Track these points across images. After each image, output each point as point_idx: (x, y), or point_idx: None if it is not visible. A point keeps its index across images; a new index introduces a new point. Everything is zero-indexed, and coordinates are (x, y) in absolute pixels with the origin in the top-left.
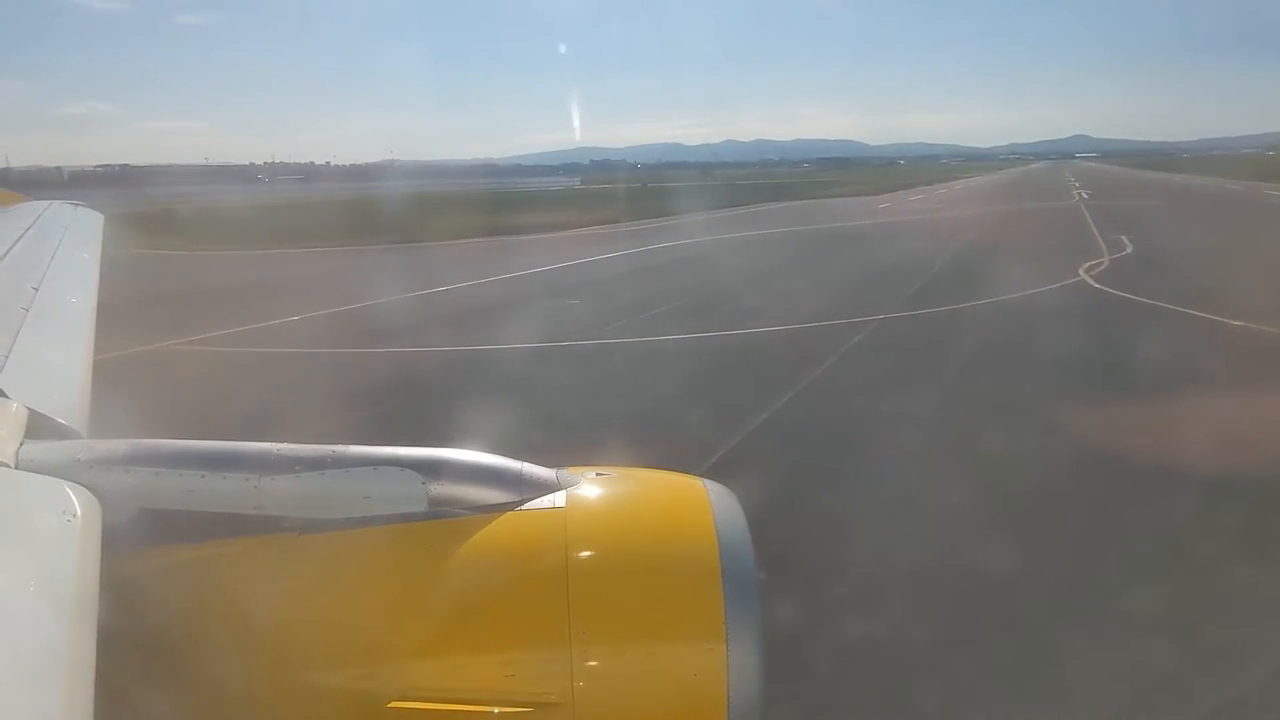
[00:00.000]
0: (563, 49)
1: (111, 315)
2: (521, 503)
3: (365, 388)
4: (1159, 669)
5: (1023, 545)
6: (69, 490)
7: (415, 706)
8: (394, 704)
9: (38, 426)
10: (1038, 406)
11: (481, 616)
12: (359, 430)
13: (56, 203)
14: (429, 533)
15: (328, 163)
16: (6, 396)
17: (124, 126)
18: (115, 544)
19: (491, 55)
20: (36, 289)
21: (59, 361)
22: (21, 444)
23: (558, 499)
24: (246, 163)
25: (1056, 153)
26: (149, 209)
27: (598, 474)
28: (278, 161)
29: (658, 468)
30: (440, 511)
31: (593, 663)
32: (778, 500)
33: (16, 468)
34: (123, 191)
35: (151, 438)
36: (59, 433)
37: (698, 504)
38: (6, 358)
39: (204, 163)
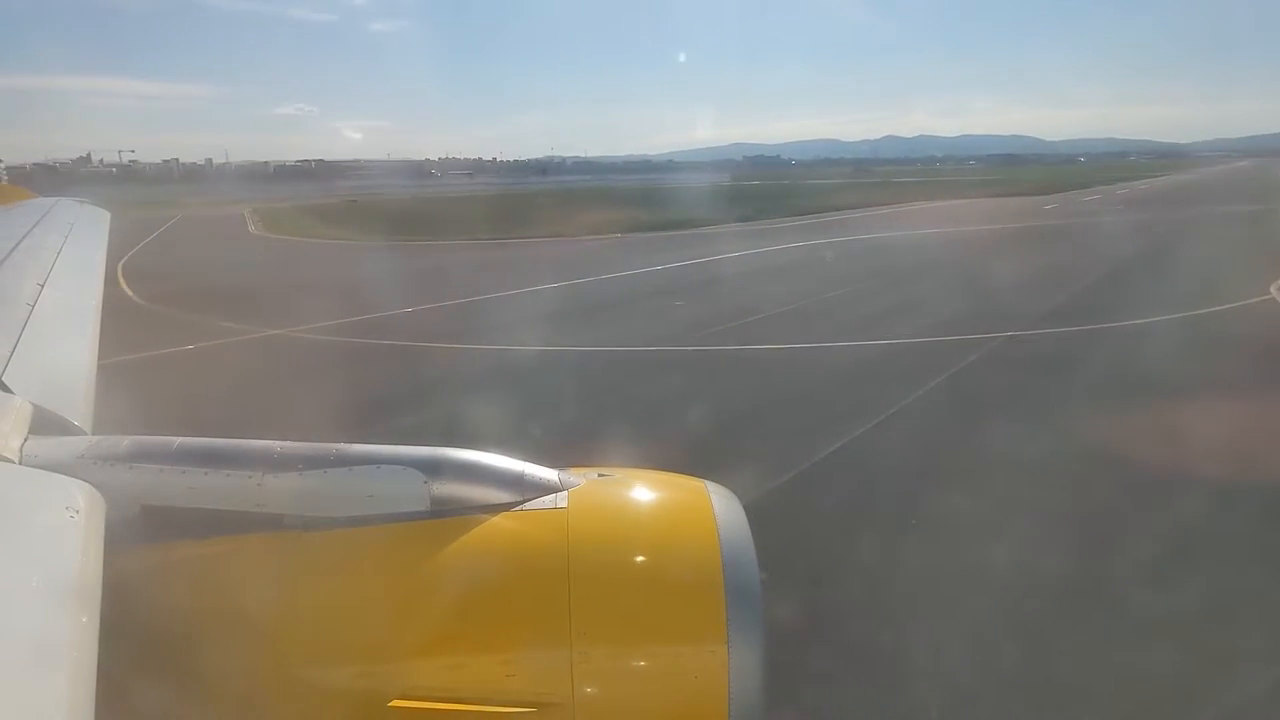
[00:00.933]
0: (717, 44)
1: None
2: (523, 503)
3: (443, 382)
4: None
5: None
6: (72, 486)
7: (416, 705)
8: (395, 703)
9: (42, 422)
10: (1177, 458)
11: (482, 616)
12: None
13: (63, 200)
14: (431, 532)
15: (494, 159)
16: (11, 392)
17: (322, 125)
18: (118, 540)
19: (648, 52)
20: (42, 285)
21: (64, 358)
22: (26, 440)
23: (560, 499)
24: (422, 158)
25: (1270, 150)
26: (331, 201)
27: (600, 475)
28: (449, 157)
29: (660, 469)
30: (442, 511)
31: (593, 663)
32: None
33: (20, 463)
34: (316, 184)
35: (155, 434)
36: (63, 429)
37: (700, 505)
38: (11, 354)
39: (385, 158)
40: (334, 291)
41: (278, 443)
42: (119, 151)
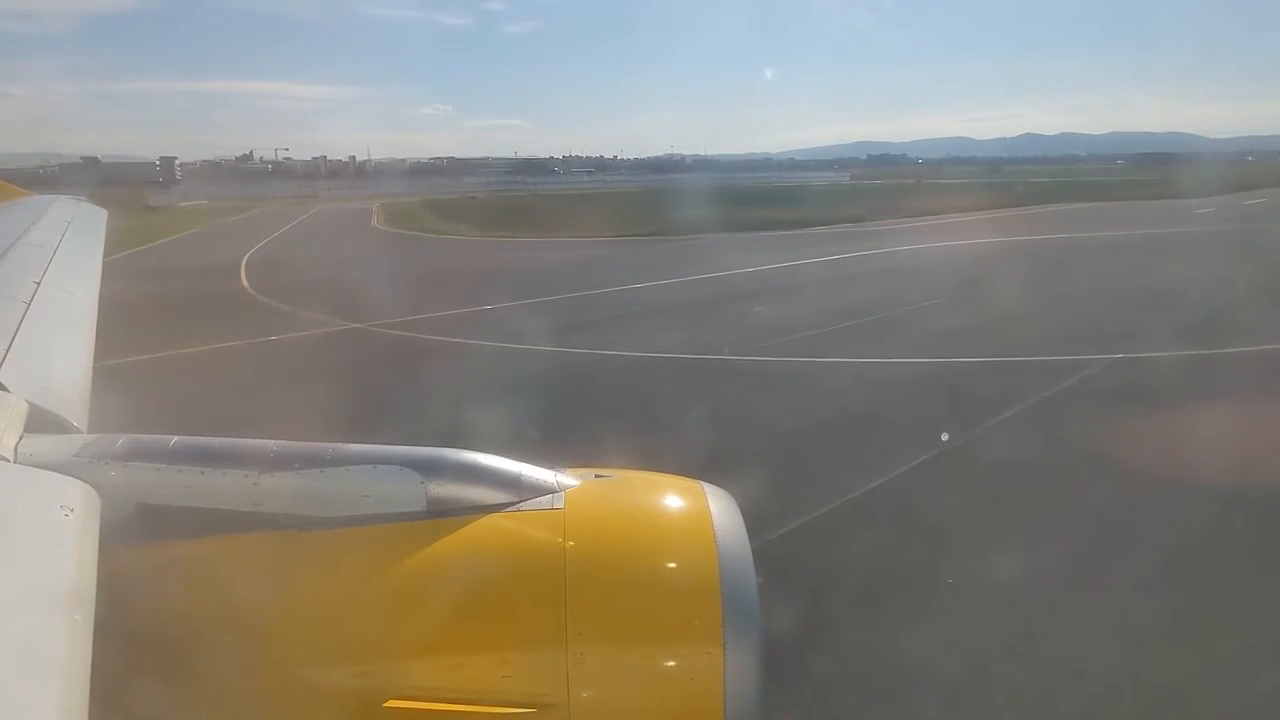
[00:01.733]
0: (842, 38)
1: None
2: (520, 503)
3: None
4: None
5: None
6: (67, 485)
7: (412, 706)
8: (390, 703)
9: (38, 421)
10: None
11: (478, 617)
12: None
13: (61, 198)
14: (427, 532)
15: (615, 157)
16: (7, 390)
17: (456, 124)
18: (113, 539)
19: (771, 48)
20: (38, 283)
21: (60, 356)
22: (21, 438)
23: (556, 500)
24: (547, 156)
25: None
26: (452, 197)
27: (597, 476)
28: (572, 155)
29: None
30: (438, 511)
31: (589, 664)
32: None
33: (16, 462)
34: (444, 180)
35: (152, 433)
36: (59, 427)
37: (697, 507)
38: (7, 352)
39: (512, 155)
40: (412, 287)
41: (274, 442)
42: (275, 149)
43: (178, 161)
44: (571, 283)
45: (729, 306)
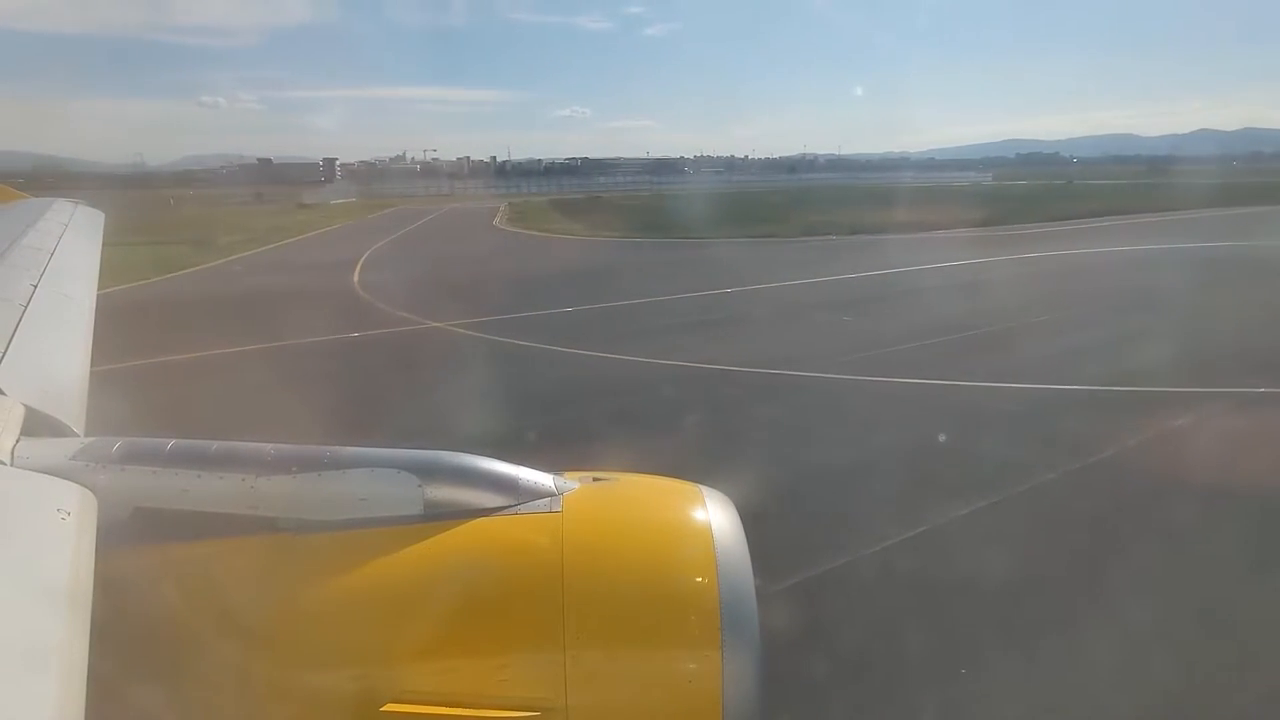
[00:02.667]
0: (987, 29)
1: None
2: (517, 507)
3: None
4: None
5: None
6: (64, 488)
7: (409, 709)
8: (388, 706)
9: (34, 424)
10: None
11: (476, 620)
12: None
13: (58, 201)
14: (424, 535)
15: (746, 156)
16: (3, 394)
17: (592, 126)
18: (110, 542)
19: (909, 42)
20: (35, 286)
21: (56, 359)
22: (18, 441)
23: (554, 503)
24: (678, 156)
25: None
26: (577, 196)
27: (595, 479)
28: (703, 155)
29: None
30: (436, 514)
31: (586, 667)
32: None
33: (12, 465)
34: (575, 180)
35: (149, 436)
36: (55, 430)
37: (695, 510)
38: (3, 355)
39: (644, 156)
40: (505, 287)
41: (271, 445)
42: (424, 150)
43: (338, 162)
44: (658, 285)
45: (817, 315)
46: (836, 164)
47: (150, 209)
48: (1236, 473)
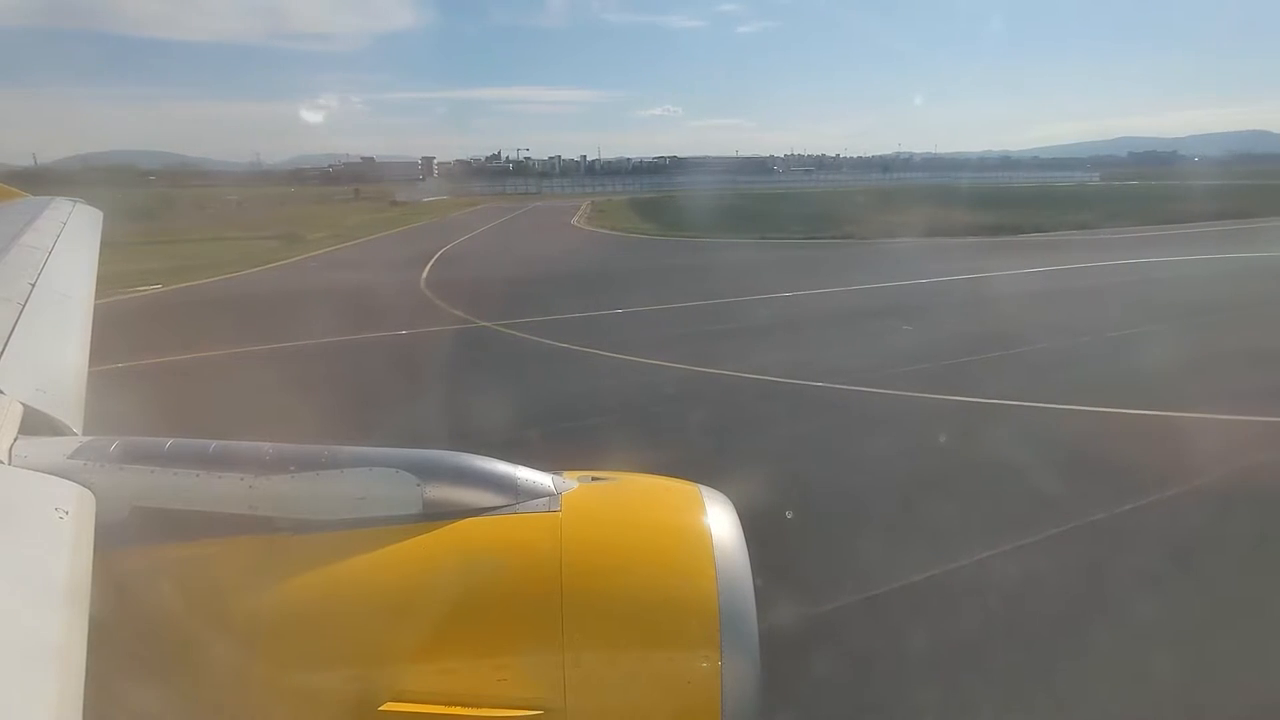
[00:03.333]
0: (1096, 19)
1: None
2: (516, 506)
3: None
4: None
5: None
6: (62, 487)
7: (407, 709)
8: (386, 706)
9: (32, 423)
10: None
11: (474, 620)
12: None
13: (56, 199)
14: (423, 535)
15: (838, 155)
16: (1, 392)
17: (682, 125)
18: (108, 542)
19: (1013, 35)
20: (33, 285)
21: (55, 358)
22: (15, 440)
23: (553, 503)
24: (766, 155)
25: None
26: (658, 196)
27: (594, 479)
28: (793, 154)
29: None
30: (434, 514)
31: (585, 668)
32: None
33: (10, 464)
34: (660, 179)
35: (148, 436)
36: (53, 429)
37: (694, 510)
38: (1, 354)
39: (733, 155)
40: (566, 286)
41: (270, 444)
42: (516, 149)
43: (435, 161)
44: (717, 287)
45: (872, 324)
46: (932, 163)
47: (259, 206)
48: None
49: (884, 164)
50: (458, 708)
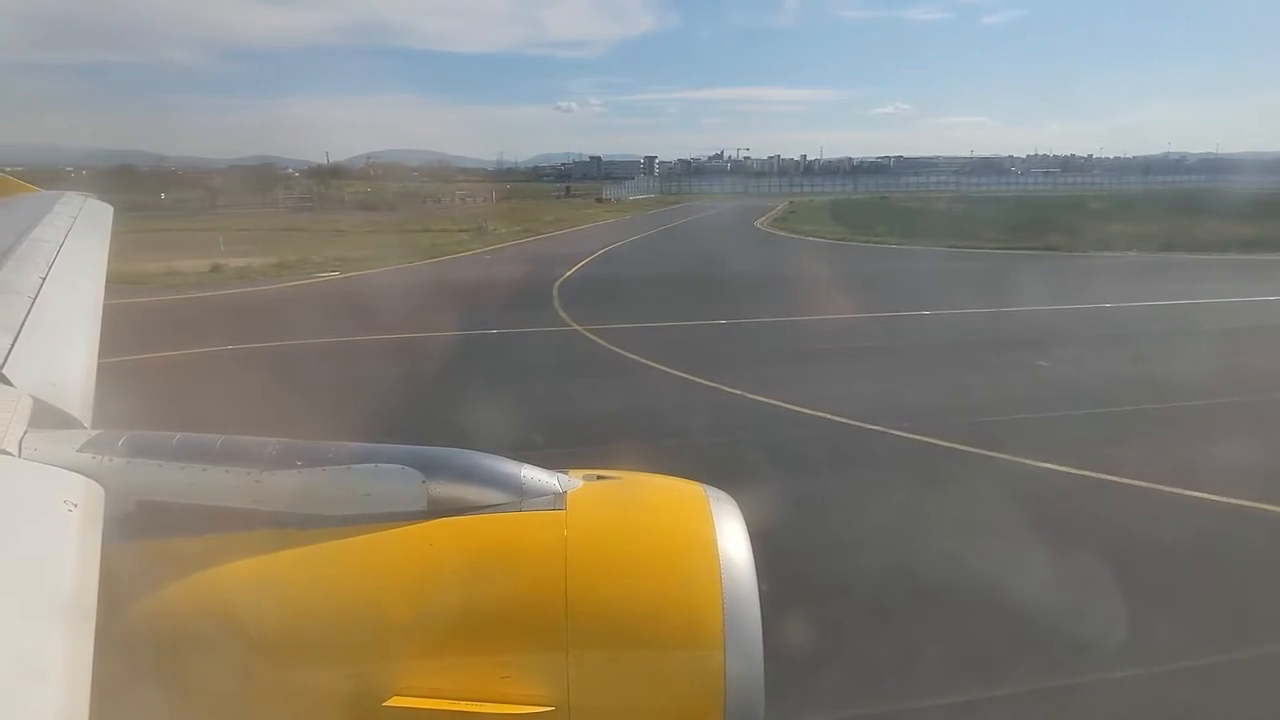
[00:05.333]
0: None
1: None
2: (521, 504)
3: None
4: None
5: None
6: (71, 480)
7: (411, 705)
8: (391, 701)
9: (42, 416)
10: None
11: (479, 617)
12: None
13: (67, 193)
14: (428, 532)
15: (1089, 155)
16: (11, 385)
17: (914, 123)
18: (116, 535)
19: None
20: (44, 279)
21: (64, 352)
22: (25, 433)
23: (558, 501)
24: (1005, 155)
25: None
26: (863, 197)
27: (599, 477)
28: (1037, 154)
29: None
30: (440, 511)
31: (589, 666)
32: None
33: (20, 456)
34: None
35: (156, 430)
36: (63, 422)
37: (698, 510)
38: (11, 347)
39: (967, 154)
40: (688, 293)
41: (277, 440)
42: (737, 149)
43: (657, 160)
44: (867, 300)
45: (1002, 356)
46: (1211, 164)
47: (480, 201)
48: None
49: (1145, 165)
50: (462, 703)
